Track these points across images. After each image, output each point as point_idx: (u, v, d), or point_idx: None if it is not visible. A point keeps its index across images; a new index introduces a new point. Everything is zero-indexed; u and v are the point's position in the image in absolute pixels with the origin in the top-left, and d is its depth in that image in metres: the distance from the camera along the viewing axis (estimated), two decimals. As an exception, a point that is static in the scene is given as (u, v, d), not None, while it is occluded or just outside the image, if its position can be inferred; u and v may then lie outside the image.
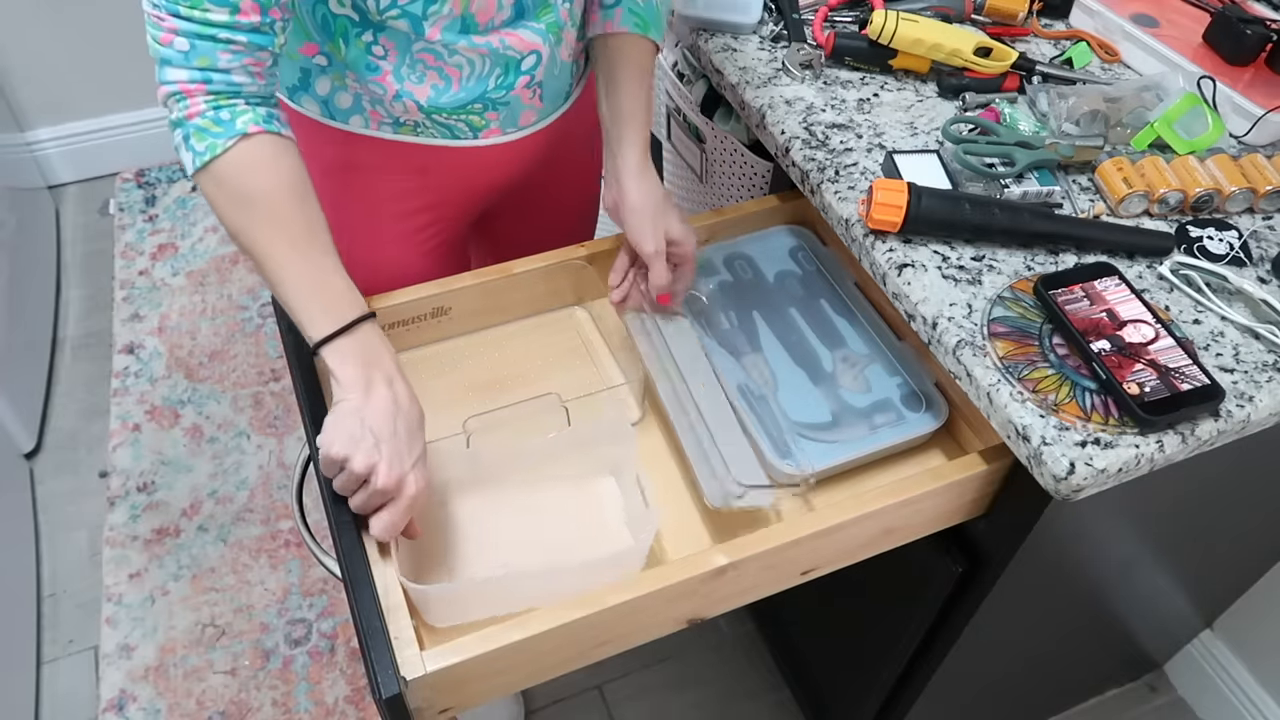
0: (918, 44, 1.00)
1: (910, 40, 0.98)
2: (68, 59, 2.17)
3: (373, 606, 0.70)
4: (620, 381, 0.96)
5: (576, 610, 0.72)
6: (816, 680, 1.39)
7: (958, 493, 0.84)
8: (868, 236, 0.88)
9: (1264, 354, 0.79)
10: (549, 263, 0.98)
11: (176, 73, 0.72)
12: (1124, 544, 1.00)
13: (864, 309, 0.99)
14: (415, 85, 0.86)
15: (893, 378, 0.92)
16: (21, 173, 2.12)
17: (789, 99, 1.02)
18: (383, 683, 0.66)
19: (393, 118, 0.90)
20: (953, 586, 0.94)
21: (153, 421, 1.87)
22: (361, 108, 0.89)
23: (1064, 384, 0.76)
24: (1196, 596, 1.33)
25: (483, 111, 0.91)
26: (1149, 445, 0.73)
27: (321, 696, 1.51)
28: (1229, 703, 1.48)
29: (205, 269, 2.16)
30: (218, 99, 0.73)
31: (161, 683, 1.52)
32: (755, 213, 1.06)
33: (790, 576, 0.83)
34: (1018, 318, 0.81)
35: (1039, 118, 1.00)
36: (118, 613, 1.60)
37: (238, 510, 1.74)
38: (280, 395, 1.92)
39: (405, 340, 0.97)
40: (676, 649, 1.58)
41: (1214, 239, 0.88)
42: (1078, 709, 1.55)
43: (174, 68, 0.72)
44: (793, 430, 0.87)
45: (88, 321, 2.06)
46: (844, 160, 0.95)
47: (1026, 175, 0.91)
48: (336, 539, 0.75)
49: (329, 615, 1.61)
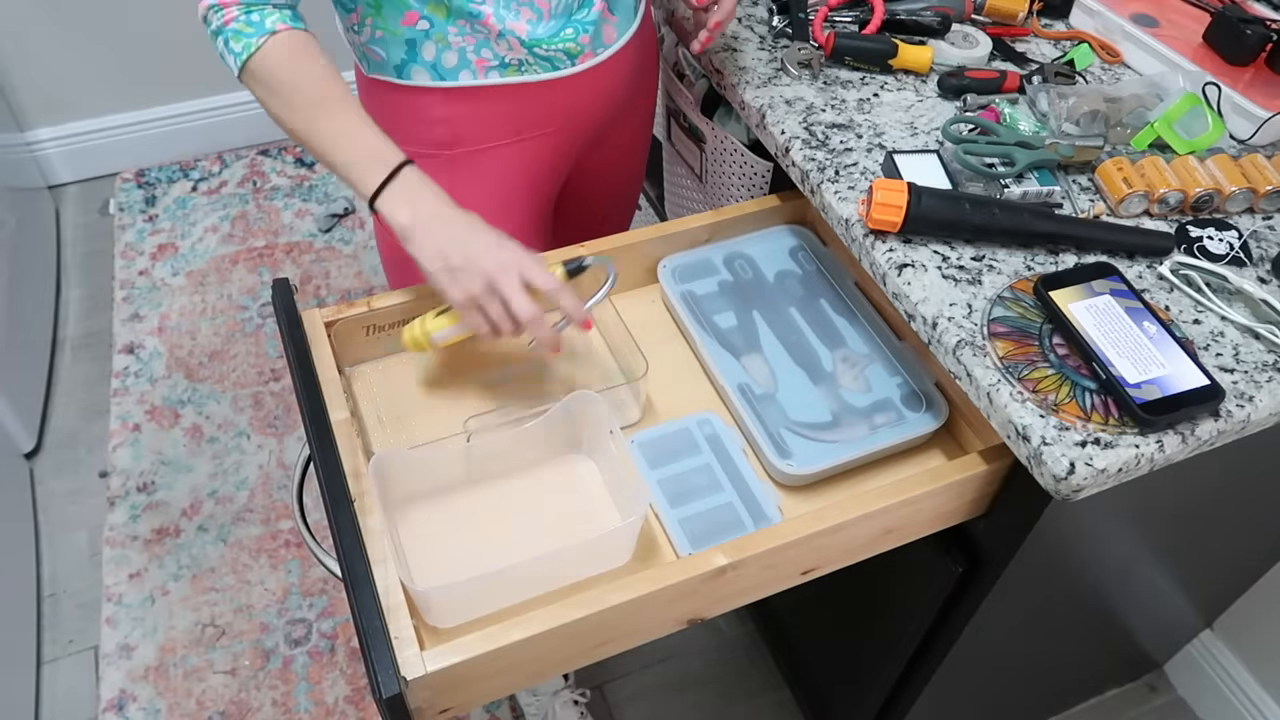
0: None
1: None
2: (68, 59, 2.17)
3: (373, 606, 0.70)
4: (621, 381, 0.96)
5: (577, 610, 0.72)
6: (816, 680, 1.39)
7: (958, 493, 0.84)
8: (868, 236, 0.88)
9: (1264, 354, 0.79)
10: (549, 262, 0.98)
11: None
12: (1124, 544, 1.00)
13: (864, 309, 0.99)
14: (514, 22, 0.92)
15: (893, 378, 0.92)
16: (21, 173, 2.12)
17: (789, 99, 1.02)
18: (383, 683, 0.66)
19: (499, 59, 0.94)
20: (953, 586, 0.94)
21: (153, 421, 1.87)
22: (468, 60, 0.94)
23: (1064, 384, 0.76)
24: (1196, 596, 1.33)
25: (575, 37, 0.96)
26: (1149, 445, 0.73)
27: (321, 696, 1.51)
28: (1229, 703, 1.48)
29: (205, 269, 2.16)
30: (249, 6, 0.83)
31: (161, 683, 1.52)
32: (755, 213, 1.06)
33: (790, 576, 0.83)
34: (1018, 318, 0.81)
35: (1039, 118, 1.00)
36: (118, 613, 1.60)
37: (238, 510, 1.74)
38: (280, 395, 1.92)
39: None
40: (676, 649, 1.58)
41: (1214, 239, 0.88)
42: (1078, 709, 1.55)
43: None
44: (793, 429, 0.87)
45: (88, 321, 2.06)
46: (844, 160, 0.95)
47: (1026, 175, 0.91)
48: (336, 539, 0.75)
49: (329, 615, 1.61)
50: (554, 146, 1.05)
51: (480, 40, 0.92)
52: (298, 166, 2.40)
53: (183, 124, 2.36)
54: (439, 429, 0.91)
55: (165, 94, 2.32)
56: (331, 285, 2.13)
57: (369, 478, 0.78)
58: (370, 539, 0.75)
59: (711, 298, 1.00)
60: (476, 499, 0.86)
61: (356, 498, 0.78)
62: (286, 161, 2.41)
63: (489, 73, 0.95)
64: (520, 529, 0.84)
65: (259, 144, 2.45)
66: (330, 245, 2.22)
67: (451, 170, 1.00)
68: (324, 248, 2.21)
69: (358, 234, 2.24)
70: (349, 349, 0.94)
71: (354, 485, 0.79)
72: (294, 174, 2.38)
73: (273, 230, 2.24)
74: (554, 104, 1.01)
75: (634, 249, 1.01)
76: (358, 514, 0.77)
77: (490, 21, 0.91)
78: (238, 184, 2.35)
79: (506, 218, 1.05)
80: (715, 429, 0.90)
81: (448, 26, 0.91)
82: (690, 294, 1.00)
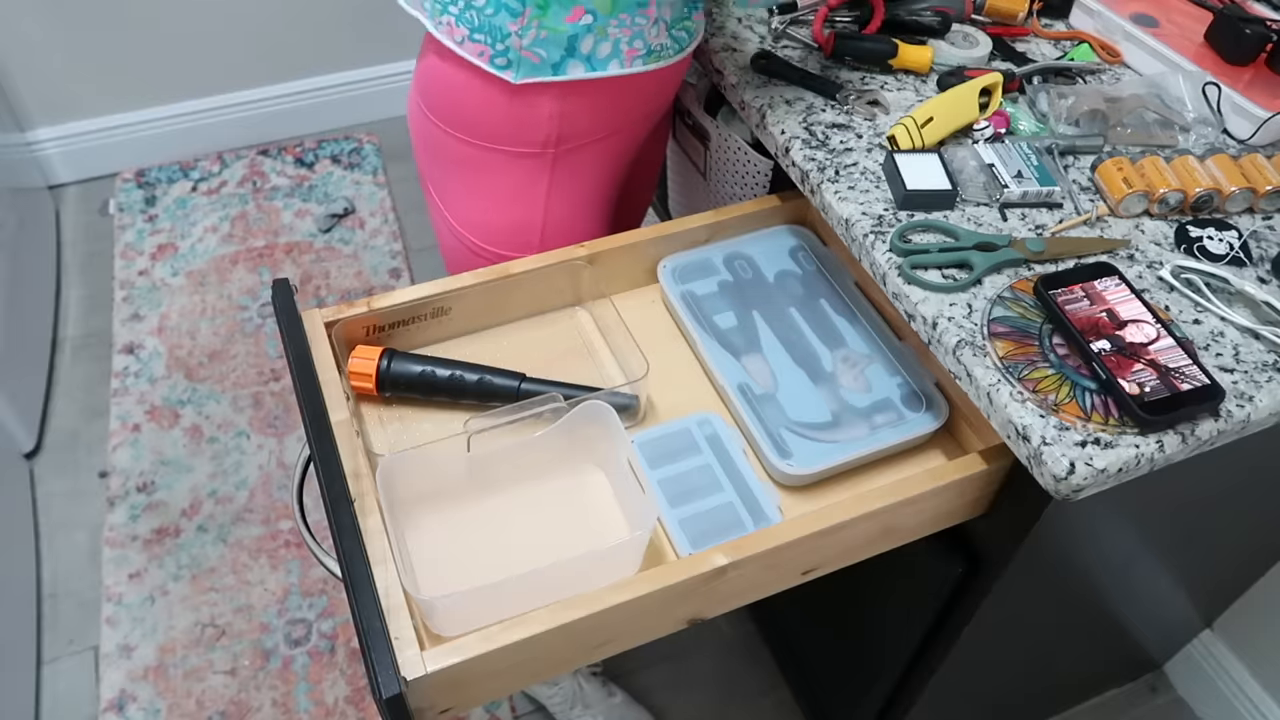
0: (940, 133, 0.97)
1: (934, 138, 0.96)
2: (68, 59, 2.17)
3: (373, 607, 0.70)
4: (621, 381, 0.96)
5: (577, 610, 0.72)
6: (816, 680, 1.39)
7: (958, 493, 0.84)
8: (868, 236, 0.88)
9: (1264, 354, 0.80)
10: (549, 263, 0.98)
11: None
12: (1124, 544, 1.00)
13: (864, 309, 0.99)
14: (664, 7, 0.92)
15: (893, 378, 0.92)
16: (21, 173, 2.11)
17: (789, 99, 1.02)
18: (383, 683, 0.66)
19: (646, 47, 0.94)
20: (953, 586, 0.94)
21: (153, 421, 1.87)
22: (619, 51, 0.93)
23: (1064, 384, 0.76)
24: (1196, 596, 1.33)
25: (691, 13, 0.97)
26: (1149, 445, 0.73)
27: (321, 696, 1.51)
28: (1229, 703, 1.48)
29: (205, 269, 2.16)
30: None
31: (161, 683, 1.52)
32: (755, 212, 1.06)
33: (790, 576, 0.83)
34: (1018, 318, 0.81)
35: (1039, 118, 1.00)
36: (118, 613, 1.60)
37: (238, 510, 1.74)
38: (280, 395, 1.92)
39: (406, 340, 0.97)
40: (676, 649, 1.58)
41: (1214, 239, 0.88)
42: (1078, 709, 1.55)
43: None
44: (793, 429, 0.87)
45: (88, 321, 2.06)
46: (844, 160, 0.95)
47: (1026, 176, 0.91)
48: (336, 539, 0.75)
49: (329, 615, 1.61)
50: (635, 139, 1.06)
51: (635, 31, 0.92)
52: (298, 166, 2.40)
53: (183, 124, 2.36)
54: (439, 429, 0.91)
55: (165, 94, 2.31)
56: (331, 285, 2.13)
57: (377, 481, 0.77)
58: (370, 539, 0.75)
59: (711, 298, 1.00)
60: (484, 506, 0.86)
61: (356, 498, 0.78)
62: (286, 161, 2.41)
63: (634, 62, 0.95)
64: (527, 538, 0.84)
65: (259, 144, 2.45)
66: (330, 245, 2.22)
67: (553, 169, 1.00)
68: (324, 248, 2.21)
69: (358, 234, 2.24)
70: (349, 349, 0.94)
71: (354, 485, 0.79)
72: (294, 174, 2.38)
73: (273, 230, 2.24)
74: (661, 89, 1.01)
75: (634, 249, 1.01)
76: (358, 514, 0.76)
77: (651, 11, 0.91)
78: (238, 184, 2.35)
79: (595, 214, 1.07)
80: (715, 429, 0.90)
81: (609, 20, 0.91)
82: (690, 294, 1.00)
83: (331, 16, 2.32)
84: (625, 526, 0.84)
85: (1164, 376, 0.75)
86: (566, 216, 1.04)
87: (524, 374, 0.92)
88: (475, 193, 1.03)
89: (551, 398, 0.85)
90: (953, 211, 0.91)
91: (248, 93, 2.38)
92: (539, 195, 1.00)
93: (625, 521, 0.85)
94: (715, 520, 0.83)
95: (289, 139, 2.47)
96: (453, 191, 1.05)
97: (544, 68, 0.93)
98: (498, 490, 0.87)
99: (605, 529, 0.85)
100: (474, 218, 1.05)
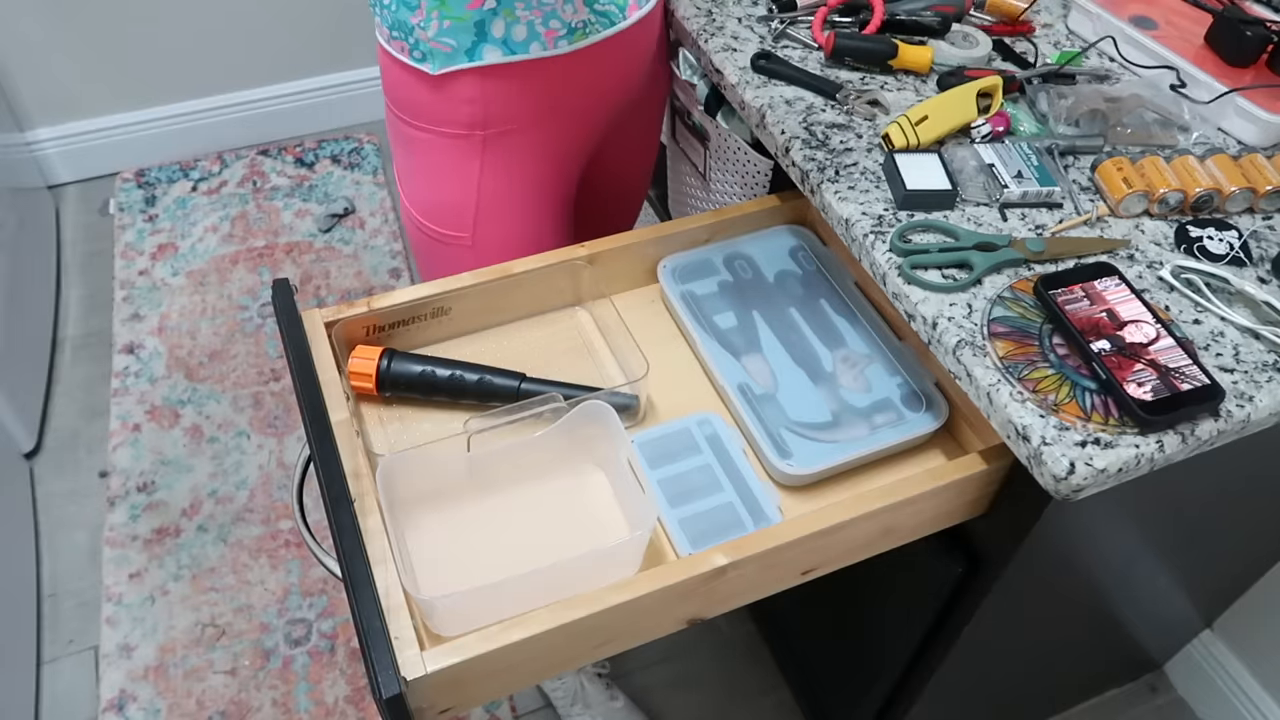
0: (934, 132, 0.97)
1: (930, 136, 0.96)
2: (68, 59, 2.17)
3: (373, 607, 0.70)
4: (621, 381, 0.96)
5: (577, 610, 0.72)
6: (816, 680, 1.39)
7: (958, 493, 0.84)
8: (868, 236, 0.88)
9: (1264, 354, 0.80)
10: (549, 263, 0.98)
11: None
12: (1124, 544, 1.00)
13: (864, 309, 0.99)
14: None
15: (893, 378, 0.92)
16: (21, 173, 2.12)
17: (789, 99, 1.02)
18: (383, 683, 0.66)
19: (566, 26, 0.95)
20: (953, 586, 0.94)
21: (153, 421, 1.87)
22: (536, 32, 0.95)
23: (1064, 384, 0.76)
24: (1196, 596, 1.33)
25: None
26: (1149, 445, 0.73)
27: (321, 696, 1.51)
28: (1229, 703, 1.48)
29: (205, 269, 2.16)
30: None
31: (161, 683, 1.52)
32: (755, 213, 1.06)
33: (790, 576, 0.83)
34: (1018, 318, 0.81)
35: (1039, 118, 1.00)
36: (118, 612, 1.60)
37: (238, 510, 1.74)
38: (280, 395, 1.92)
39: (406, 340, 0.97)
40: (676, 649, 1.58)
41: (1214, 239, 0.88)
42: (1078, 709, 1.55)
43: None
44: (793, 429, 0.87)
45: (88, 321, 2.06)
46: (844, 160, 0.95)
47: (1026, 176, 0.91)
48: (336, 539, 0.75)
49: (329, 615, 1.61)
50: (584, 126, 1.06)
51: (547, 11, 0.93)
52: (298, 166, 2.40)
53: (183, 124, 2.36)
54: (439, 429, 0.91)
55: (165, 94, 2.32)
56: (331, 285, 2.13)
57: (377, 481, 0.77)
58: (370, 539, 0.75)
59: (711, 298, 1.00)
60: (484, 506, 0.86)
61: (356, 498, 0.78)
62: (286, 161, 2.41)
63: (558, 42, 0.96)
64: (527, 538, 0.84)
65: (259, 144, 2.46)
66: (330, 245, 2.22)
67: (484, 151, 1.02)
68: (324, 248, 2.21)
69: (358, 234, 2.24)
70: (349, 349, 0.94)
71: (354, 485, 0.79)
72: (294, 174, 2.38)
73: (273, 230, 2.25)
74: (601, 71, 1.02)
75: (634, 249, 1.02)
76: (358, 514, 0.77)
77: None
78: (238, 184, 2.35)
79: (539, 203, 1.08)
80: (715, 429, 0.90)
81: (514, 2, 0.92)
82: (690, 294, 1.00)
83: (331, 17, 2.32)
84: (625, 526, 0.85)
85: (1164, 376, 0.75)
86: (502, 200, 1.06)
87: (524, 374, 0.92)
88: (418, 171, 1.06)
89: (551, 398, 0.85)
90: (953, 211, 0.91)
91: (248, 93, 2.38)
92: (471, 176, 1.02)
93: (625, 521, 0.85)
94: (715, 520, 0.83)
95: (289, 139, 2.47)
96: (403, 170, 1.09)
97: (457, 55, 0.95)
98: (498, 490, 0.87)
99: (605, 529, 0.85)
100: (418, 195, 1.08)
